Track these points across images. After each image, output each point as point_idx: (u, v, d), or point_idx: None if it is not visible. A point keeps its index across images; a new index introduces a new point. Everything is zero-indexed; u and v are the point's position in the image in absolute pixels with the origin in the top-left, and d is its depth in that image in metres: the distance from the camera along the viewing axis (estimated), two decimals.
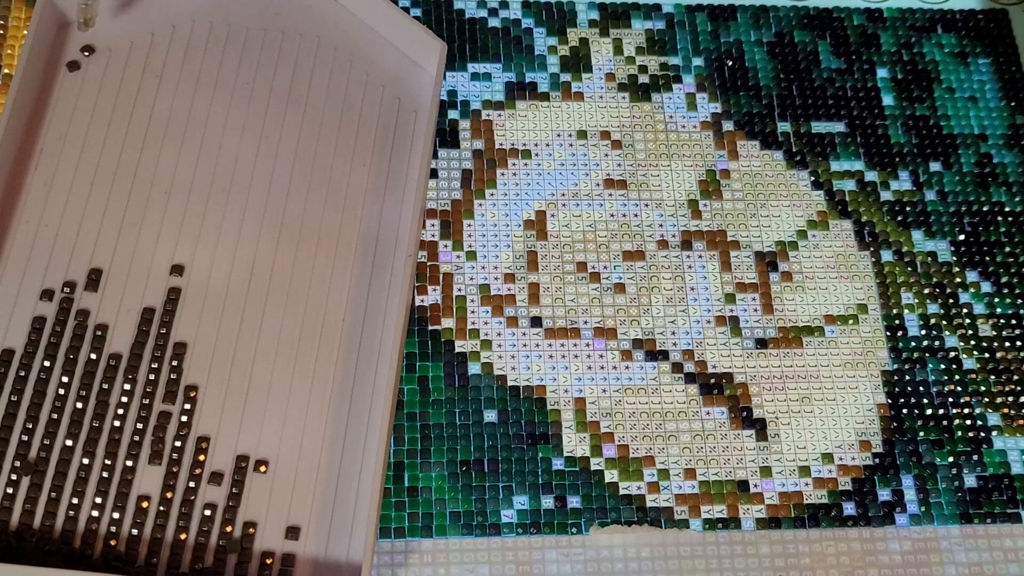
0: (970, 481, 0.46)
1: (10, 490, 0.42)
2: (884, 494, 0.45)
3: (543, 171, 0.51)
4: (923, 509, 0.45)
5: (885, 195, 0.52)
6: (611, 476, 0.45)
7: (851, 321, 0.49)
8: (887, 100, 0.55)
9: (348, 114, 0.50)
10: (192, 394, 0.44)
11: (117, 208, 0.47)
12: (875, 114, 0.54)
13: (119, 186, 0.48)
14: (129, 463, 0.42)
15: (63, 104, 0.49)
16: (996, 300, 0.50)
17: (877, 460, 0.46)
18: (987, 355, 0.49)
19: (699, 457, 0.46)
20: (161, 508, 0.42)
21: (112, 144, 0.48)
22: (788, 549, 0.44)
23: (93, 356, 0.44)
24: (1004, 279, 0.50)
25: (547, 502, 0.44)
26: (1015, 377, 0.48)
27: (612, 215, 0.50)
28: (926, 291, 0.50)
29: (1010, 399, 0.48)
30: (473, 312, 0.48)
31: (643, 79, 0.54)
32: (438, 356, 0.47)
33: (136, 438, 0.43)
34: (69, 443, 0.43)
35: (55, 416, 0.43)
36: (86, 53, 0.50)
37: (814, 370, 0.48)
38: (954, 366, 0.48)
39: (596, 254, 0.49)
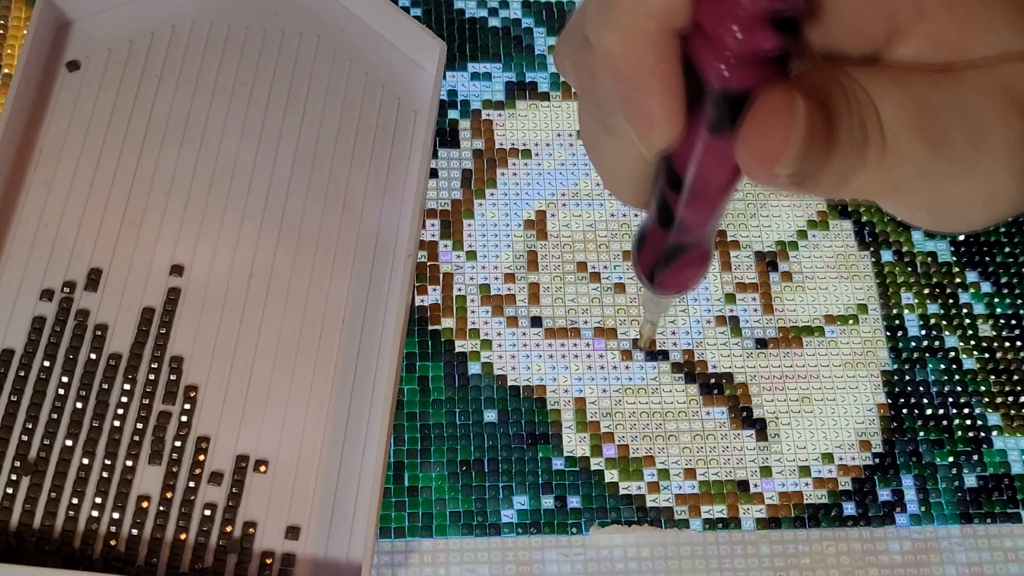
0: (970, 481, 0.46)
1: (10, 490, 0.42)
2: (884, 494, 0.45)
3: (543, 171, 0.51)
4: (923, 509, 0.45)
5: None
6: (611, 476, 0.45)
7: (851, 321, 0.49)
8: None
9: (348, 114, 0.50)
10: (192, 394, 0.44)
11: (117, 208, 0.47)
12: None
13: (119, 186, 0.48)
14: (129, 463, 0.42)
15: (63, 104, 0.49)
16: (996, 300, 0.50)
17: (877, 460, 0.46)
18: (987, 355, 0.49)
19: (699, 457, 0.46)
20: (161, 508, 0.42)
21: (112, 144, 0.48)
22: (788, 549, 0.44)
23: (93, 356, 0.44)
24: (1004, 279, 0.50)
25: (547, 502, 0.44)
26: (1015, 377, 0.48)
27: (612, 215, 0.50)
28: (926, 291, 0.50)
29: (1010, 399, 0.48)
30: (473, 312, 0.48)
31: None
32: (438, 356, 0.47)
33: (136, 438, 0.43)
34: (69, 443, 0.43)
35: (55, 416, 0.43)
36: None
37: (814, 370, 0.48)
38: (954, 366, 0.48)
39: (596, 254, 0.49)
